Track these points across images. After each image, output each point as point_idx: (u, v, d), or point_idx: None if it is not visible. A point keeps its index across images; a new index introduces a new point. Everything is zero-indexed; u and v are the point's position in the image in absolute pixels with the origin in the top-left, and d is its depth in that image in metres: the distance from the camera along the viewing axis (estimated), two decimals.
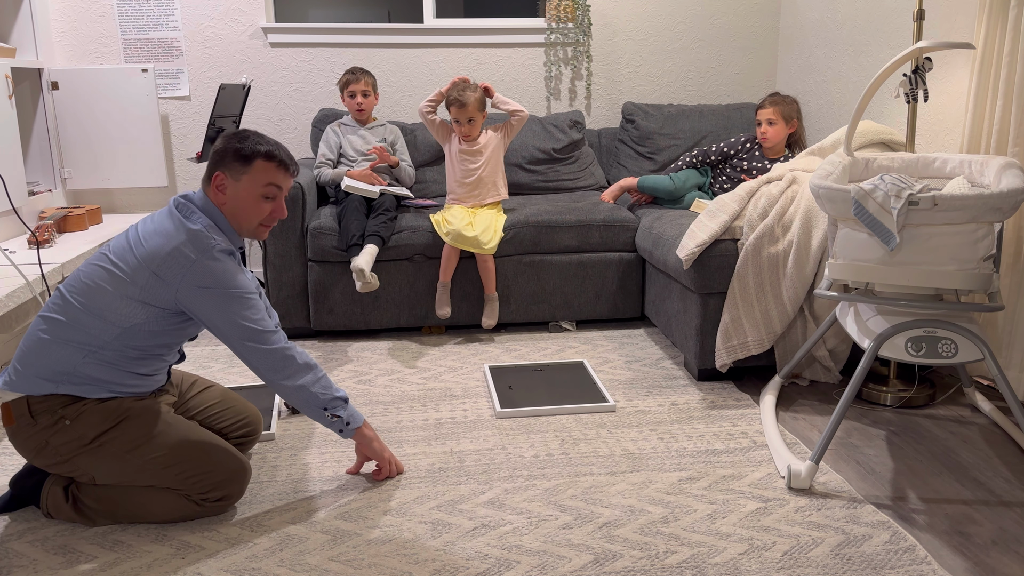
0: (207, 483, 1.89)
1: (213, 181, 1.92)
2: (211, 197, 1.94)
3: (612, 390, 2.72)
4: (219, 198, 1.93)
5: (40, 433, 1.84)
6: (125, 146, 3.83)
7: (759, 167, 3.35)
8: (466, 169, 3.29)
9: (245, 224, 1.96)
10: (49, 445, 1.85)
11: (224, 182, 1.92)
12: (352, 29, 3.97)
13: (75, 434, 1.84)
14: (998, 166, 2.12)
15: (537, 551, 1.79)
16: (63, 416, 1.84)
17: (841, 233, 2.16)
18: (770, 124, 3.32)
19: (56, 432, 1.84)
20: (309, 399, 1.95)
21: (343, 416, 2.00)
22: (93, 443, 1.85)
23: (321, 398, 1.96)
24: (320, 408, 1.97)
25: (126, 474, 1.87)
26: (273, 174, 1.93)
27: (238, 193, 1.92)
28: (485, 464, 2.21)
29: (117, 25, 3.86)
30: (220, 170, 1.91)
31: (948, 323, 2.03)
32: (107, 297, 1.84)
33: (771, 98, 3.36)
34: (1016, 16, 2.40)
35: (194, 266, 1.83)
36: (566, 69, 4.16)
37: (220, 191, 1.92)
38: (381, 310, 3.28)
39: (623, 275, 3.36)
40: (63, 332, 1.84)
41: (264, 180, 1.92)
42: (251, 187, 1.92)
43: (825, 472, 2.13)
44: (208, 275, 1.84)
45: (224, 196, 1.92)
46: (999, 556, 1.76)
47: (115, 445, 1.85)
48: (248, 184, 1.91)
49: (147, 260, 1.84)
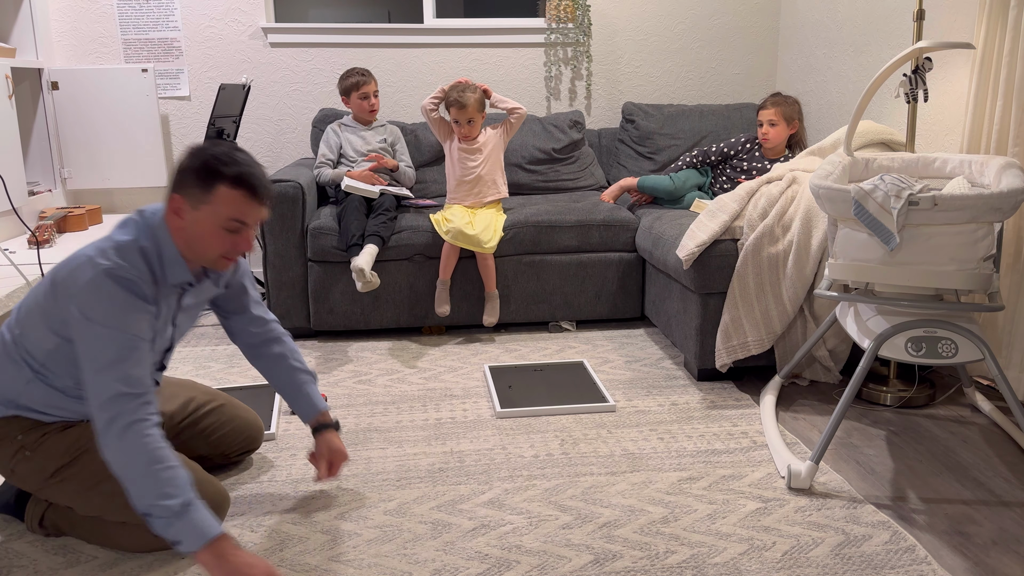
0: None
1: (169, 204, 1.65)
2: (166, 219, 1.68)
3: (612, 390, 2.72)
4: (174, 222, 1.66)
5: (6, 462, 1.75)
6: (125, 146, 3.83)
7: (759, 167, 3.35)
8: (466, 167, 3.30)
9: (202, 255, 1.69)
10: (16, 473, 1.75)
11: (181, 207, 1.64)
12: (352, 29, 3.97)
13: (36, 466, 1.73)
14: (998, 166, 2.12)
15: (537, 551, 1.79)
16: (23, 446, 1.73)
17: (841, 233, 2.16)
18: (772, 125, 3.32)
19: (20, 462, 1.73)
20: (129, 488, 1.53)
21: (168, 533, 1.51)
22: (54, 477, 1.73)
23: (141, 501, 1.52)
24: (140, 511, 1.54)
25: (93, 508, 1.74)
26: (239, 206, 1.63)
27: (196, 221, 1.64)
28: (485, 464, 2.21)
29: (117, 25, 3.86)
30: (178, 192, 1.64)
31: (948, 323, 2.03)
32: (31, 317, 1.68)
33: (773, 99, 3.36)
34: (1016, 16, 2.40)
35: (84, 286, 1.56)
36: (566, 69, 4.16)
37: (176, 215, 1.65)
38: (381, 310, 3.28)
39: (623, 275, 3.36)
40: (6, 350, 1.72)
41: (227, 213, 1.63)
42: (211, 218, 1.63)
43: (825, 472, 2.13)
44: (92, 300, 1.55)
45: (181, 221, 1.65)
46: (999, 556, 1.76)
47: (76, 481, 1.73)
48: (208, 215, 1.63)
49: (56, 272, 1.63)
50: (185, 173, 1.63)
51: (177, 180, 1.64)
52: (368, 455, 2.27)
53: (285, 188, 3.16)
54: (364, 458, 2.25)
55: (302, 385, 2.04)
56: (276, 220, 3.18)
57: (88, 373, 1.57)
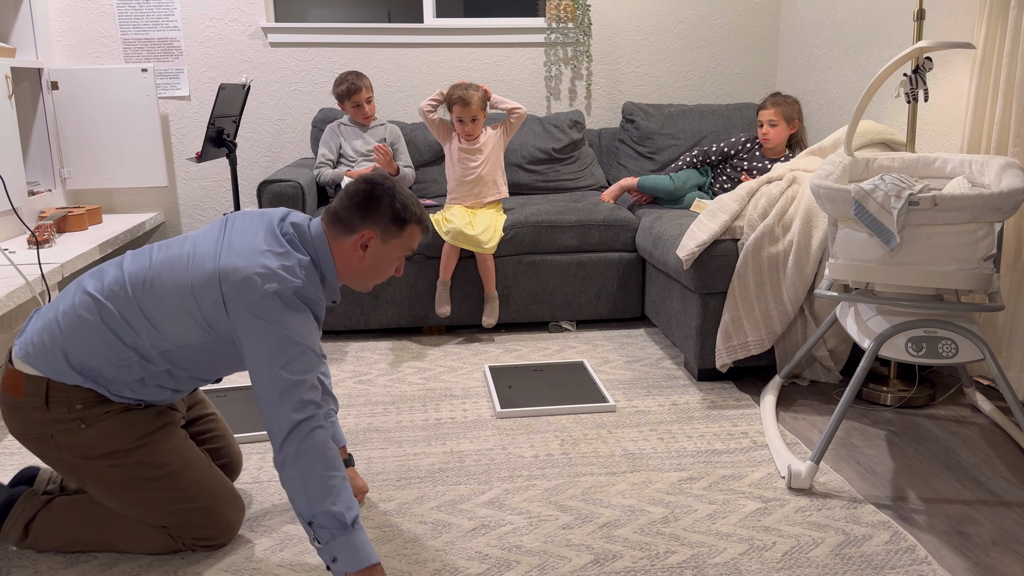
0: (206, 531, 1.77)
1: (361, 236, 1.72)
2: (342, 248, 1.73)
3: (612, 390, 2.72)
4: (353, 252, 1.73)
5: (49, 424, 1.67)
6: (125, 146, 3.83)
7: (759, 167, 3.35)
8: (466, 168, 3.29)
9: (367, 280, 1.80)
10: (53, 440, 1.69)
11: (371, 241, 1.73)
12: (352, 29, 3.97)
13: (86, 441, 1.68)
14: (998, 166, 2.12)
15: (537, 551, 1.79)
16: (80, 418, 1.68)
17: (841, 233, 2.16)
18: (772, 125, 3.32)
19: (66, 431, 1.68)
20: (297, 498, 1.56)
21: (326, 547, 1.54)
22: (104, 459, 1.69)
23: (307, 510, 1.55)
24: (305, 520, 1.56)
25: (122, 501, 1.72)
26: (418, 239, 1.79)
27: (382, 253, 1.75)
28: (485, 464, 2.21)
29: (117, 25, 3.86)
30: (371, 228, 1.72)
31: (948, 323, 2.03)
32: (170, 306, 1.64)
33: (773, 99, 3.36)
34: (1016, 16, 2.40)
35: (268, 297, 1.59)
36: (566, 69, 4.16)
37: (362, 248, 1.73)
38: (381, 310, 3.28)
39: (623, 275, 3.36)
40: (111, 323, 1.65)
41: (410, 246, 1.78)
42: (397, 251, 1.76)
43: (825, 472, 2.13)
44: (278, 312, 1.59)
45: (363, 254, 1.74)
46: (999, 556, 1.76)
47: (125, 470, 1.70)
48: (395, 248, 1.76)
49: (223, 276, 1.62)
50: (382, 213, 1.71)
51: (368, 214, 1.71)
52: (368, 455, 2.27)
53: (285, 188, 3.16)
54: (364, 458, 2.25)
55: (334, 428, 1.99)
56: None
57: (272, 378, 1.58)
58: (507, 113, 3.33)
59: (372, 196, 1.72)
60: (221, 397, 2.66)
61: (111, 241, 3.40)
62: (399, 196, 1.73)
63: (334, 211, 1.74)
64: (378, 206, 1.71)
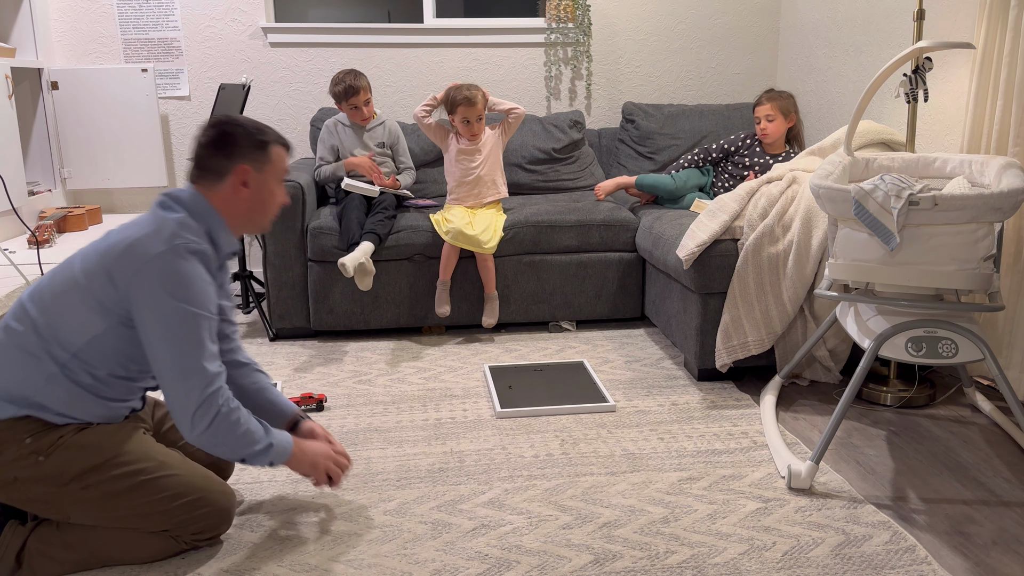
0: (201, 524, 1.75)
1: (236, 175, 1.73)
2: (222, 194, 1.74)
3: (612, 390, 2.72)
4: (238, 195, 1.75)
5: (7, 468, 1.63)
6: (125, 146, 3.83)
7: (761, 163, 3.35)
8: (466, 168, 3.29)
9: (263, 218, 1.81)
10: (18, 482, 1.64)
11: (248, 175, 1.74)
12: (352, 29, 3.97)
13: (51, 472, 1.64)
14: (998, 166, 2.12)
15: (537, 551, 1.79)
16: (35, 451, 1.63)
17: (841, 233, 2.16)
18: (769, 120, 3.32)
19: (27, 468, 1.63)
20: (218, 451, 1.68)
21: (261, 463, 1.75)
22: (73, 483, 1.65)
23: (233, 456, 1.70)
24: (234, 460, 1.72)
25: (111, 518, 1.69)
26: (285, 160, 1.82)
27: (263, 183, 1.77)
28: (485, 464, 2.21)
29: (117, 25, 3.86)
30: (242, 163, 1.73)
31: (948, 323, 2.03)
32: (65, 302, 1.64)
33: (767, 94, 3.36)
34: (1016, 16, 2.40)
35: (153, 261, 1.60)
36: (566, 69, 4.16)
37: (244, 185, 1.75)
38: (381, 310, 3.28)
39: (623, 275, 3.36)
40: (22, 342, 1.64)
41: (284, 167, 1.81)
42: (274, 176, 1.78)
43: (825, 472, 2.13)
44: (167, 275, 1.60)
45: (248, 190, 1.75)
46: (999, 556, 1.76)
47: (102, 487, 1.66)
48: (270, 174, 1.78)
49: (105, 254, 1.64)
50: (243, 142, 1.73)
51: (230, 151, 1.73)
52: (368, 455, 2.27)
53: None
54: (364, 458, 2.25)
55: (268, 388, 1.99)
56: (276, 220, 3.18)
57: (167, 352, 1.61)
58: (505, 114, 3.33)
59: (225, 134, 1.73)
60: None
61: None
62: (249, 124, 1.75)
63: (197, 165, 1.75)
64: (236, 139, 1.73)
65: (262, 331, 3.43)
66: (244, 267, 3.61)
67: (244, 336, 3.35)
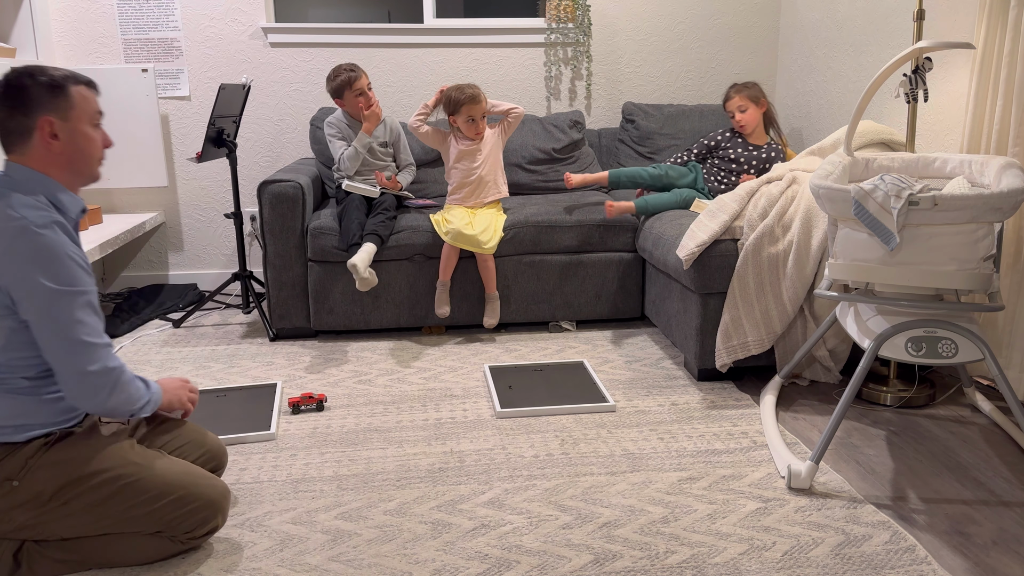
0: (194, 520, 1.73)
1: (41, 130, 1.61)
2: (37, 154, 1.62)
3: (612, 390, 2.72)
4: (52, 147, 1.62)
5: None
6: (125, 146, 3.83)
7: (747, 155, 3.34)
8: (468, 168, 3.29)
9: (89, 166, 1.69)
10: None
11: (54, 125, 1.61)
12: (352, 29, 3.97)
13: (27, 496, 1.60)
14: (998, 166, 2.12)
15: (537, 551, 1.79)
16: (6, 478, 1.59)
17: (841, 233, 2.16)
18: (742, 111, 3.33)
19: (2, 496, 1.60)
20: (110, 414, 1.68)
21: (144, 414, 1.74)
22: (54, 500, 1.62)
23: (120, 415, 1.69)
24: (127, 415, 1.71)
25: (100, 527, 1.67)
26: (92, 99, 1.68)
27: (73, 131, 1.64)
28: (485, 464, 2.21)
29: (117, 25, 3.86)
30: (42, 114, 1.60)
31: (948, 323, 2.03)
32: None
33: (733, 88, 3.37)
34: (1016, 16, 2.40)
35: (11, 246, 1.53)
36: (566, 69, 4.16)
37: (54, 137, 1.62)
38: (381, 310, 3.28)
39: (623, 275, 3.36)
40: None
41: (91, 107, 1.67)
42: (83, 119, 1.65)
43: (825, 472, 2.13)
44: (30, 258, 1.53)
45: (59, 142, 1.62)
46: (999, 556, 1.76)
47: (82, 499, 1.64)
48: (78, 118, 1.64)
49: None
50: (36, 93, 1.60)
51: (27, 105, 1.60)
52: (368, 455, 2.27)
53: (285, 188, 3.16)
54: (364, 458, 2.25)
55: None
56: (276, 220, 3.18)
57: (50, 334, 1.57)
58: (503, 115, 3.33)
59: (15, 88, 1.60)
60: (221, 397, 2.66)
61: (111, 241, 3.41)
62: (38, 72, 1.61)
63: (1, 134, 1.64)
64: (28, 92, 1.60)
65: (262, 331, 3.43)
66: (244, 267, 3.61)
67: (244, 336, 3.36)
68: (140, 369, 2.99)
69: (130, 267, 4.11)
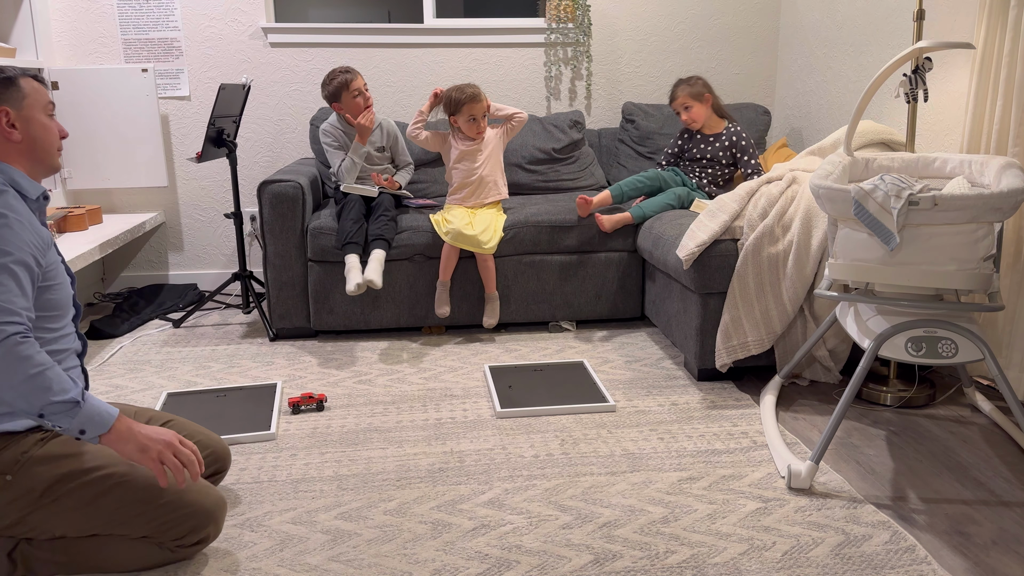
0: (184, 528, 1.69)
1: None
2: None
3: (612, 390, 2.72)
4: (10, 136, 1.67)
5: None
6: (125, 146, 3.83)
7: (710, 149, 3.34)
8: (469, 169, 3.29)
9: (48, 155, 1.73)
10: None
11: (10, 115, 1.67)
12: (352, 29, 3.97)
13: (22, 490, 1.60)
14: (998, 166, 2.12)
15: (537, 551, 1.79)
16: (1, 472, 1.59)
17: (841, 233, 2.16)
18: (687, 109, 3.34)
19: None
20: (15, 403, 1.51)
21: (66, 424, 1.53)
22: (46, 496, 1.61)
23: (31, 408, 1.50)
24: (33, 416, 1.52)
25: (92, 526, 1.66)
26: (43, 91, 1.73)
27: (29, 120, 1.69)
28: (485, 464, 2.21)
29: (117, 25, 3.86)
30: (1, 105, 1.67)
31: (948, 323, 2.03)
32: None
33: (676, 87, 3.37)
34: (1016, 16, 2.40)
35: None
36: (566, 69, 4.16)
37: (11, 128, 1.67)
38: (381, 310, 3.28)
39: (623, 275, 3.36)
40: None
41: (43, 99, 1.72)
42: (36, 108, 1.71)
43: (825, 472, 2.13)
44: None
45: (16, 131, 1.68)
46: (999, 556, 1.76)
47: (74, 496, 1.62)
48: (32, 108, 1.70)
49: None
50: None
51: None
52: (368, 455, 2.27)
53: (285, 188, 3.16)
54: (364, 458, 2.25)
55: None
56: (276, 220, 3.18)
57: None
58: (506, 119, 3.33)
59: None
60: (221, 397, 2.66)
61: (111, 241, 3.41)
62: None
63: None
64: None
65: (262, 331, 3.43)
66: (244, 267, 3.61)
67: (244, 336, 3.36)
68: (140, 369, 2.99)
69: (130, 267, 4.11)
